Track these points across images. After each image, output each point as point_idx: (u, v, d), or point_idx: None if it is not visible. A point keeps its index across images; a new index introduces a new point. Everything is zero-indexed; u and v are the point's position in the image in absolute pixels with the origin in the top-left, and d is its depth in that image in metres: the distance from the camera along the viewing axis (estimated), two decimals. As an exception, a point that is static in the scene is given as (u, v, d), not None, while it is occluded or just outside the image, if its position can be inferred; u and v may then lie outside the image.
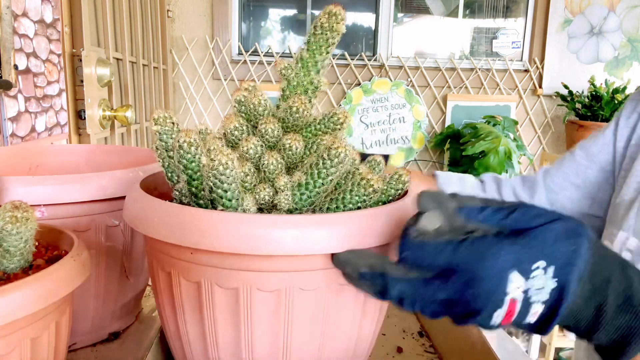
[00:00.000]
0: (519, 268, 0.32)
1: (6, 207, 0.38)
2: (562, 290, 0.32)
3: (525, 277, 0.32)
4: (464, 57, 2.65)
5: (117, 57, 1.62)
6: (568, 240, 0.33)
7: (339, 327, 0.45)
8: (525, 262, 0.32)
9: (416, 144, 2.61)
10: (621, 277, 0.34)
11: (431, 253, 0.33)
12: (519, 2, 2.69)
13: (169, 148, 0.46)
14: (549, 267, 0.32)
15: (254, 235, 0.38)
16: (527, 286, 0.32)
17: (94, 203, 0.56)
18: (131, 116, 1.49)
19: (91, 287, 0.59)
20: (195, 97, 2.51)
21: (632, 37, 2.58)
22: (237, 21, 2.55)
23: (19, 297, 0.34)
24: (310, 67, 0.49)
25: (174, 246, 0.42)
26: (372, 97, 2.56)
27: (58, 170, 0.78)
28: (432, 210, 0.34)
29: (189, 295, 0.43)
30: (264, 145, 0.47)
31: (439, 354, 0.65)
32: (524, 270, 0.32)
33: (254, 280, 0.41)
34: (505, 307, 0.32)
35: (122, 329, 0.65)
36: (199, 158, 0.43)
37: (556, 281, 0.32)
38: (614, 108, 2.26)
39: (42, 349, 0.38)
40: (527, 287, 0.32)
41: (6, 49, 0.98)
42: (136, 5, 1.80)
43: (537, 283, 0.32)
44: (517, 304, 0.32)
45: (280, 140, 0.47)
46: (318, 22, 0.48)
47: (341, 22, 0.47)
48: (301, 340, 0.44)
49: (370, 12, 2.67)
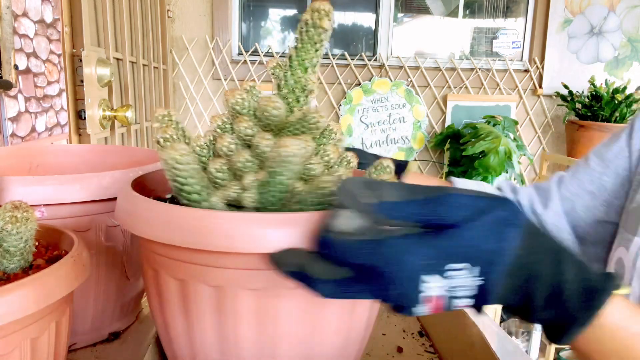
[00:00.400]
0: (434, 269, 0.32)
1: (6, 207, 0.38)
2: (487, 287, 0.32)
3: (444, 277, 0.32)
4: (464, 57, 2.65)
5: (117, 57, 1.62)
6: (495, 235, 0.32)
7: (327, 324, 0.45)
8: (442, 264, 0.32)
9: (416, 144, 2.61)
10: (552, 269, 0.34)
11: (350, 252, 0.32)
12: (519, 2, 2.69)
13: None
14: (474, 267, 0.32)
15: (225, 232, 0.38)
16: (449, 284, 0.32)
17: (94, 203, 0.56)
18: (131, 116, 1.49)
19: (91, 287, 0.59)
20: (195, 97, 2.51)
21: (632, 37, 2.58)
22: (237, 21, 2.55)
23: (19, 297, 0.34)
24: (298, 65, 0.49)
25: (159, 244, 0.42)
26: (372, 97, 2.56)
27: (58, 170, 0.78)
28: (351, 208, 0.33)
29: (174, 293, 0.44)
30: (239, 144, 0.47)
31: (439, 354, 0.65)
32: (439, 271, 0.32)
33: (236, 278, 0.41)
34: (427, 303, 0.32)
35: (122, 329, 0.65)
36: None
37: (482, 280, 0.32)
38: (614, 108, 2.26)
39: (42, 349, 0.38)
40: (450, 286, 0.32)
41: (6, 49, 0.98)
42: (136, 5, 1.80)
43: (461, 282, 0.32)
44: (442, 300, 0.32)
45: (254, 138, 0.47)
46: (303, 19, 0.47)
47: (325, 17, 0.46)
48: (288, 338, 0.44)
49: (370, 12, 2.68)
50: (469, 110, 2.60)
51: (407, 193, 0.33)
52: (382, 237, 0.32)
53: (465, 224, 0.32)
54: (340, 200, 0.33)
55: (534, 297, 0.33)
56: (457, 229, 0.32)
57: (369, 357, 0.63)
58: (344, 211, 0.34)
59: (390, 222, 0.33)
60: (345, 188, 0.33)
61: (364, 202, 0.32)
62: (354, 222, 0.33)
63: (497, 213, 0.33)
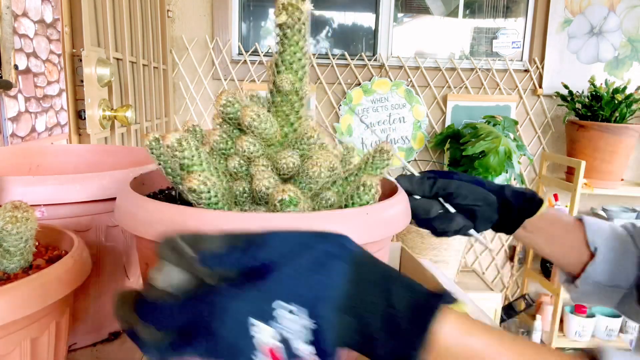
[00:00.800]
0: (262, 314, 0.29)
1: (6, 207, 0.38)
2: (321, 329, 0.30)
3: (272, 324, 0.30)
4: (464, 57, 2.65)
5: (117, 57, 1.62)
6: (317, 271, 0.31)
7: None
8: (268, 306, 0.29)
9: (416, 144, 2.61)
10: (382, 296, 0.31)
11: (169, 315, 0.30)
12: (519, 2, 2.69)
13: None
14: (303, 308, 0.30)
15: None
16: (282, 332, 0.30)
17: (94, 203, 0.56)
18: (131, 116, 1.49)
19: (91, 287, 0.59)
20: (195, 97, 2.51)
21: (632, 37, 2.58)
22: (237, 21, 2.55)
23: (19, 297, 0.34)
24: (286, 71, 0.47)
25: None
26: (372, 97, 2.55)
27: (58, 170, 0.78)
28: (174, 263, 0.32)
29: None
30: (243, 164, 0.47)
31: (439, 354, 0.65)
32: (267, 317, 0.30)
33: None
34: (265, 354, 0.30)
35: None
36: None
37: (314, 322, 0.30)
38: (614, 108, 2.26)
39: (42, 349, 0.38)
40: (283, 333, 0.30)
41: (6, 49, 0.98)
42: (136, 5, 1.80)
43: (293, 326, 0.30)
44: (279, 350, 0.30)
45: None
46: (278, 22, 0.45)
47: (300, 2, 0.44)
48: None
49: (370, 12, 2.67)
50: (469, 110, 2.60)
51: (229, 240, 0.32)
52: (203, 291, 0.30)
53: (288, 262, 0.30)
54: (163, 256, 0.32)
55: (372, 331, 0.31)
56: (279, 268, 0.30)
57: (369, 357, 0.63)
58: (167, 266, 0.32)
59: (214, 273, 0.31)
60: (168, 244, 0.32)
61: (187, 257, 0.31)
62: (177, 277, 0.32)
63: (320, 247, 0.31)
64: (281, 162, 0.45)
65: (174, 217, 0.40)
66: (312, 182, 0.45)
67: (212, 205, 0.42)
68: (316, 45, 2.71)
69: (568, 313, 2.56)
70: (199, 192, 0.41)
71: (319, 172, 0.44)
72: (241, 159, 0.47)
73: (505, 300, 2.75)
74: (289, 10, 0.44)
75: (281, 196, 0.41)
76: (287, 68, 0.47)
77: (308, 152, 0.47)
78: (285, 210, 0.41)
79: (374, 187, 0.44)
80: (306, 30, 0.46)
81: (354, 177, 0.49)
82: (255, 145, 0.46)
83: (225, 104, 0.47)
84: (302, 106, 0.49)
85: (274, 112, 0.49)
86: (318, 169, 0.44)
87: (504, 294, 2.78)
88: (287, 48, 0.46)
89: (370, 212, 0.43)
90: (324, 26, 2.72)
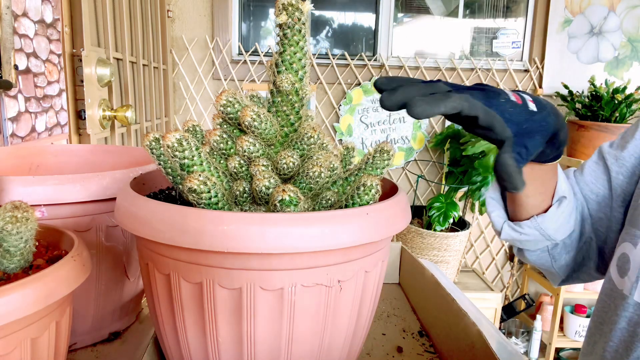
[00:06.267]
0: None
1: (6, 207, 0.38)
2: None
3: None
4: (464, 57, 2.65)
5: (117, 57, 1.62)
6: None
7: (339, 322, 0.45)
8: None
9: (416, 144, 2.61)
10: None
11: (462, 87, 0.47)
12: (519, 2, 2.69)
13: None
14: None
15: (254, 234, 0.38)
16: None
17: (94, 203, 0.56)
18: (131, 116, 1.49)
19: (91, 287, 0.59)
20: (196, 97, 2.51)
21: (632, 37, 2.58)
22: (237, 21, 2.55)
23: (19, 297, 0.34)
24: (286, 71, 0.47)
25: (159, 244, 0.42)
26: (372, 97, 2.55)
27: (58, 170, 0.78)
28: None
29: (189, 296, 0.43)
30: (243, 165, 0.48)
31: (439, 354, 0.65)
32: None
33: (257, 279, 0.41)
34: (513, 96, 0.46)
35: (122, 329, 0.65)
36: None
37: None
38: (614, 108, 2.26)
39: (42, 349, 0.38)
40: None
41: (6, 49, 0.98)
42: (136, 5, 1.80)
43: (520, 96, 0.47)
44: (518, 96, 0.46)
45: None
46: (279, 23, 0.46)
47: (300, 3, 0.45)
48: (303, 337, 0.44)
49: (370, 12, 2.67)
50: (469, 110, 2.60)
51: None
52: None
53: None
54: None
55: None
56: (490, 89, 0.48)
57: (369, 357, 0.63)
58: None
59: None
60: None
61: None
62: None
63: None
64: (281, 162, 0.45)
65: (174, 217, 0.40)
66: (312, 182, 0.45)
67: (212, 206, 0.42)
68: (316, 45, 2.71)
69: (568, 313, 2.56)
70: (199, 192, 0.41)
71: (319, 172, 0.44)
72: (241, 159, 0.47)
73: (505, 300, 2.75)
74: (289, 10, 0.44)
75: (281, 196, 0.41)
76: (287, 68, 0.47)
77: (308, 152, 0.47)
78: (285, 210, 0.41)
79: (374, 187, 0.44)
80: (306, 30, 0.46)
81: (354, 177, 0.49)
82: (255, 145, 0.46)
83: (226, 104, 0.47)
84: (302, 106, 0.49)
85: (274, 112, 0.49)
86: (318, 169, 0.44)
87: (504, 294, 2.78)
88: (287, 48, 0.46)
89: (370, 212, 0.42)
90: (324, 26, 2.72)
